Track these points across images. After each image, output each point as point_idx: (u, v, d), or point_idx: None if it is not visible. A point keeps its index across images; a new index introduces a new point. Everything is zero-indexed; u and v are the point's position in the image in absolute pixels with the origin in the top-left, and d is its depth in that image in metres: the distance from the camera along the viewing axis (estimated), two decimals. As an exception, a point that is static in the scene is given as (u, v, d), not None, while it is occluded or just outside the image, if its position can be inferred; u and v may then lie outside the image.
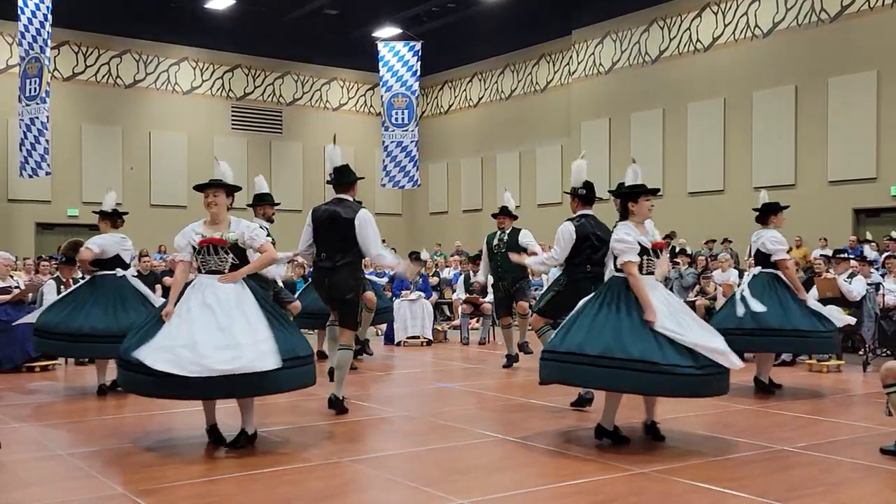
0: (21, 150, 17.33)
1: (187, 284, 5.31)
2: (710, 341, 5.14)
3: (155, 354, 4.91)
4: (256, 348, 4.95)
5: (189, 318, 5.04)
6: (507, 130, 23.43)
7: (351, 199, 6.55)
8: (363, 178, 7.09)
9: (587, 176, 6.79)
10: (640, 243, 5.36)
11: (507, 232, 9.22)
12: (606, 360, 5.03)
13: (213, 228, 5.38)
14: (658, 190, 5.83)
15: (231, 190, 5.56)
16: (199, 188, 5.53)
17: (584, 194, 6.62)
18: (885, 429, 5.62)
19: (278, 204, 8.56)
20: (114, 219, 7.63)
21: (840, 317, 7.56)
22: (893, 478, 4.69)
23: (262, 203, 8.18)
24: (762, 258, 7.52)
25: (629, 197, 5.52)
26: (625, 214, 5.54)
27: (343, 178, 6.57)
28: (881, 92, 15.80)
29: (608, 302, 5.29)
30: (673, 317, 5.19)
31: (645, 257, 5.39)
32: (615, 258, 5.40)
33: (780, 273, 7.37)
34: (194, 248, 5.33)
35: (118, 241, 7.53)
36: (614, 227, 5.61)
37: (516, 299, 9.34)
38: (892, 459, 5.00)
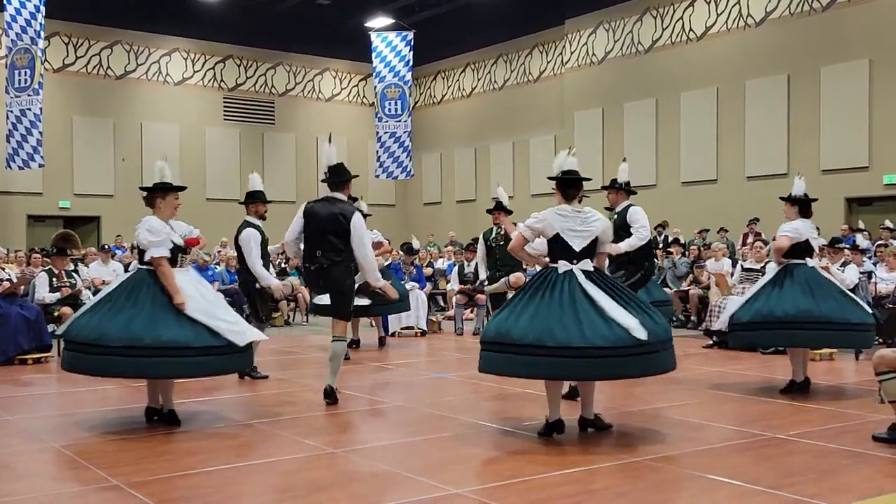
0: (9, 141, 17.21)
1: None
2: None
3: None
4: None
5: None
6: (501, 120, 23.40)
7: (345, 198, 6.61)
8: (357, 175, 7.11)
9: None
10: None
11: (503, 227, 9.25)
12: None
13: None
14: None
15: None
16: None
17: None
18: (877, 416, 5.65)
19: (271, 202, 8.51)
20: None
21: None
22: (886, 464, 4.71)
23: (255, 201, 8.14)
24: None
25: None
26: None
27: (338, 176, 6.60)
28: (873, 81, 15.83)
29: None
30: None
31: None
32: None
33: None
34: None
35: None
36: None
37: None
38: (885, 446, 5.03)
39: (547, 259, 5.44)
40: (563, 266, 5.25)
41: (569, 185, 5.48)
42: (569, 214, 5.35)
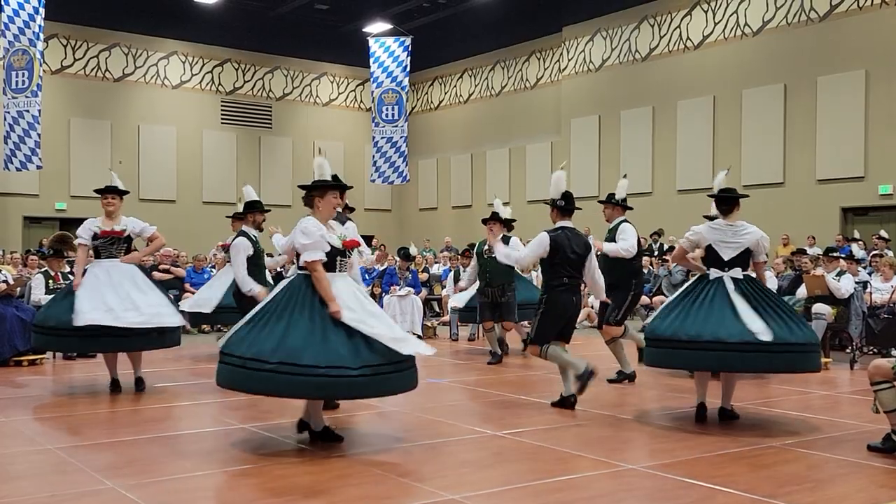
0: (7, 143, 17.17)
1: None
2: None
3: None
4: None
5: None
6: (497, 127, 23.44)
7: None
8: (352, 187, 7.07)
9: (572, 180, 6.86)
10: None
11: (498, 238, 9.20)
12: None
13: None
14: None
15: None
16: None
17: (563, 206, 6.58)
18: (873, 426, 5.66)
19: (269, 211, 8.50)
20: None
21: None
22: (880, 474, 4.73)
23: (254, 210, 8.16)
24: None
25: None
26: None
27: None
28: (869, 91, 15.90)
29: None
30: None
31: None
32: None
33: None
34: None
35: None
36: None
37: (503, 316, 9.50)
38: (880, 456, 5.04)
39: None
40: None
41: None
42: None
